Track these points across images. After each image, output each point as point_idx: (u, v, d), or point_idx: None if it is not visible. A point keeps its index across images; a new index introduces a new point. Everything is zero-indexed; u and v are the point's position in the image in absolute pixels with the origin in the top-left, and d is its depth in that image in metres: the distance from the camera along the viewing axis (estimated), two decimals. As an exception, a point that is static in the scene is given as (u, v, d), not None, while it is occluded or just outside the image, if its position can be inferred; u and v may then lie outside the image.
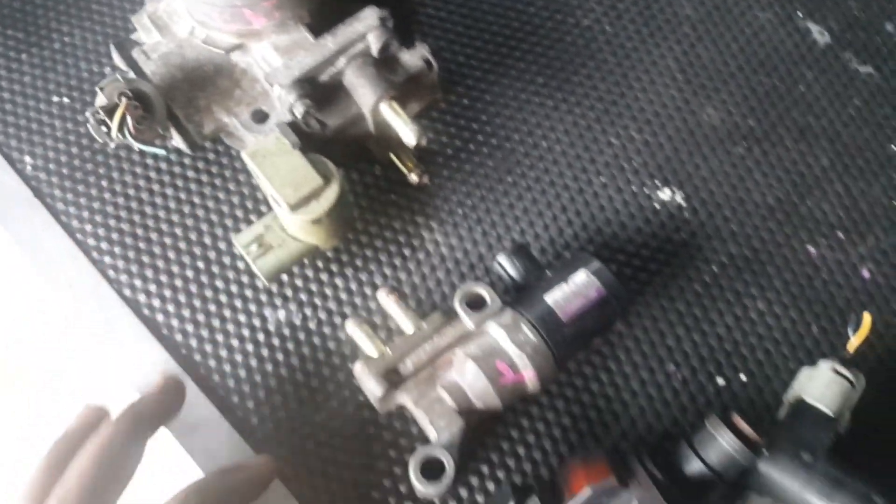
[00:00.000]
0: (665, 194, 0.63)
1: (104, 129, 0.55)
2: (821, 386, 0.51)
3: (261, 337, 0.59)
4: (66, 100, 0.67)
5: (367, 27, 0.55)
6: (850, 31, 0.70)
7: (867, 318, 0.54)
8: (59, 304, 0.60)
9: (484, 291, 0.54)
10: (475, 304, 0.54)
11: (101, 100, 0.55)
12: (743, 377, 0.58)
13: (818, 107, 0.67)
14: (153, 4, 0.61)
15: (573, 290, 0.54)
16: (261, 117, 0.59)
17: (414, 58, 0.58)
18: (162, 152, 0.60)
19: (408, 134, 0.55)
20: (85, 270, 0.61)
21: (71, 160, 0.65)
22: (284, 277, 0.60)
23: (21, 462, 0.71)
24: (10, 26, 0.71)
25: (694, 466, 0.48)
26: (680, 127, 0.65)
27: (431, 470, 0.49)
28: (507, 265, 0.56)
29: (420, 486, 0.49)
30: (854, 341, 0.54)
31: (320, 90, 0.56)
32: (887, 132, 0.66)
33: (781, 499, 0.48)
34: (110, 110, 0.54)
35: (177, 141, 0.61)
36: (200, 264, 0.61)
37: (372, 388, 0.51)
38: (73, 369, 0.76)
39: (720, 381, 0.57)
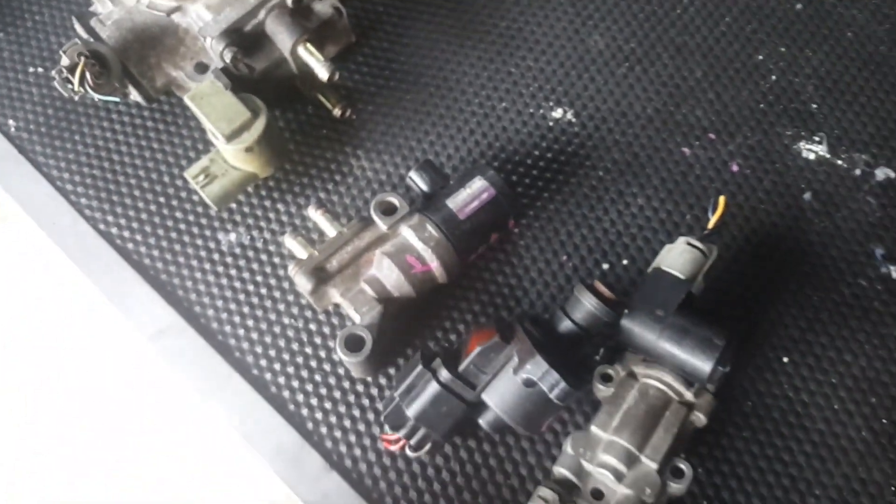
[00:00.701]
0: (558, 113, 0.73)
1: (69, 85, 0.65)
2: (675, 256, 0.60)
3: (216, 256, 0.69)
4: (40, 69, 0.77)
5: (281, -18, 0.65)
6: (724, -43, 0.79)
7: (722, 200, 0.64)
8: (43, 247, 0.71)
9: (394, 199, 0.64)
10: (388, 210, 0.64)
11: (64, 60, 0.65)
12: (625, 261, 0.67)
13: (693, 26, 0.76)
14: (104, -21, 0.71)
15: (469, 193, 0.63)
16: (202, 69, 0.69)
17: (325, 6, 0.68)
18: (118, 99, 0.70)
19: (321, 70, 0.65)
20: (65, 210, 0.71)
21: (48, 120, 0.75)
22: (233, 205, 0.70)
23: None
24: (-13, 10, 0.81)
25: (565, 325, 0.58)
26: (570, 54, 0.75)
27: (354, 344, 0.60)
28: (416, 179, 0.66)
29: (345, 357, 0.59)
30: (712, 220, 0.64)
31: (247, 39, 0.65)
32: (754, 44, 0.75)
33: (645, 350, 0.58)
34: (72, 68, 0.64)
35: (135, 96, 0.71)
36: (162, 199, 0.71)
37: (303, 283, 0.62)
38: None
39: (605, 265, 0.67)
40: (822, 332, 0.64)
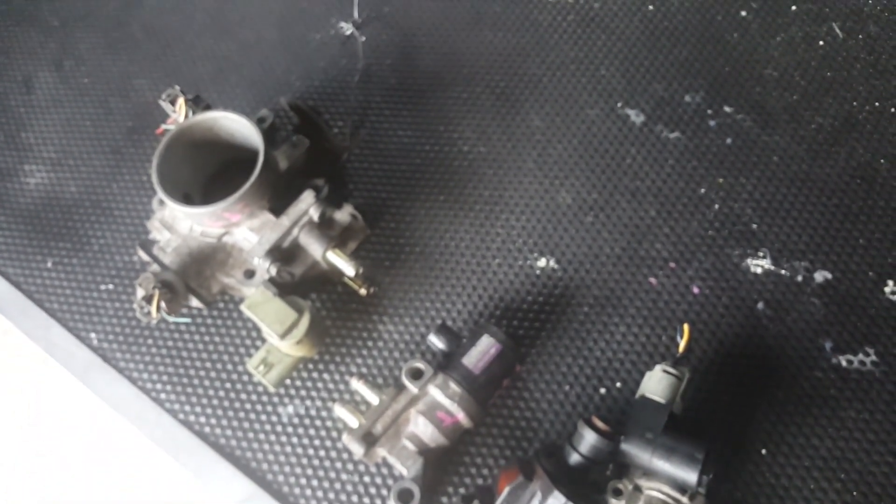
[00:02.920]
0: (542, 262, 0.87)
1: (146, 312, 0.80)
2: (654, 383, 0.73)
3: (279, 428, 0.83)
4: (111, 286, 0.93)
5: (307, 205, 0.81)
6: (658, 108, 0.95)
7: (686, 327, 0.77)
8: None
9: (421, 364, 0.78)
10: (416, 374, 0.77)
11: (140, 292, 0.80)
12: (618, 384, 0.80)
13: (642, 172, 0.91)
14: (160, 212, 0.87)
15: (480, 350, 0.77)
16: (250, 275, 0.84)
17: (344, 214, 0.83)
18: (189, 321, 0.85)
19: (348, 269, 0.80)
20: (148, 406, 0.85)
21: (123, 329, 0.90)
22: (288, 382, 0.84)
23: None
24: (60, 238, 0.97)
25: (574, 458, 0.70)
26: (544, 210, 0.90)
27: (405, 496, 0.72)
28: (435, 341, 0.80)
29: (399, 509, 0.72)
30: (681, 346, 0.77)
31: (285, 252, 0.81)
32: (696, 179, 0.90)
33: (642, 467, 0.71)
34: (148, 299, 0.79)
35: (195, 302, 0.86)
36: (228, 385, 0.85)
37: (356, 449, 0.75)
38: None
39: (602, 390, 0.80)
40: (790, 422, 0.77)
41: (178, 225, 0.86)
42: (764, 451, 0.76)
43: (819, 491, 0.74)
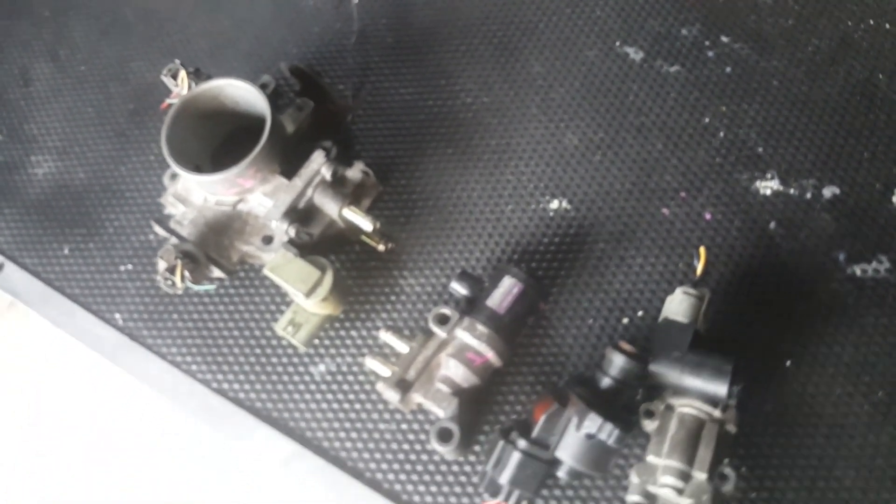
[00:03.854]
0: (555, 204, 0.88)
1: (170, 283, 0.81)
2: (676, 304, 0.75)
3: (313, 387, 0.84)
4: (130, 266, 0.94)
5: (319, 164, 0.81)
6: (657, 43, 0.95)
7: (702, 250, 0.79)
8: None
9: (446, 310, 0.79)
10: (443, 320, 0.79)
11: (162, 264, 0.81)
12: (640, 313, 0.82)
13: (646, 107, 0.92)
14: (172, 187, 0.88)
15: (502, 291, 0.78)
16: (268, 240, 0.85)
17: (355, 172, 0.84)
18: (212, 287, 0.86)
19: (366, 224, 0.81)
20: (181, 379, 0.87)
21: (147, 307, 0.91)
22: (316, 341, 0.86)
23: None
24: (74, 225, 0.98)
25: (605, 382, 0.72)
26: (552, 153, 0.91)
27: (445, 435, 0.74)
28: (458, 287, 0.81)
29: (439, 448, 0.74)
30: (698, 269, 0.79)
31: (301, 213, 0.82)
32: (700, 109, 0.91)
33: (672, 386, 0.72)
34: (171, 270, 0.80)
35: (217, 272, 0.87)
36: (258, 350, 0.87)
37: (391, 396, 0.76)
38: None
39: (625, 320, 0.82)
40: (812, 333, 0.78)
41: (192, 197, 0.87)
42: (789, 364, 0.77)
43: (845, 395, 0.76)
